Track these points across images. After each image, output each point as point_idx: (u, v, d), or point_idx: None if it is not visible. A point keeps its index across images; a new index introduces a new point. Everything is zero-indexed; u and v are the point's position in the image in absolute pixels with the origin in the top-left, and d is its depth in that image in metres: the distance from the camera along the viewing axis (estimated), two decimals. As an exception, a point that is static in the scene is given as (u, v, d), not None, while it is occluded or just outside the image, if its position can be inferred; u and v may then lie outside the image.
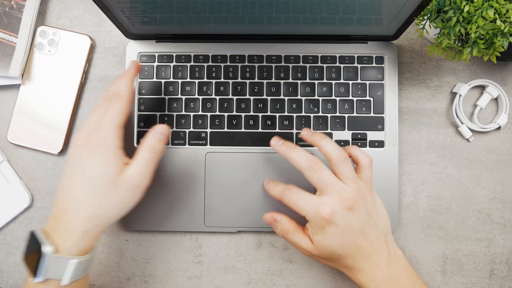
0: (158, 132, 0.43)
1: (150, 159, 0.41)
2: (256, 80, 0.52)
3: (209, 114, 0.52)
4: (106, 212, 0.39)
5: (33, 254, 0.38)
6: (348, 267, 0.43)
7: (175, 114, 0.52)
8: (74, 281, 0.39)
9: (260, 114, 0.52)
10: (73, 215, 0.39)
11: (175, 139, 0.52)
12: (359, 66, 0.52)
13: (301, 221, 0.45)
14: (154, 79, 0.52)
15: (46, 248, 0.37)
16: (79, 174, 0.39)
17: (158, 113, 0.52)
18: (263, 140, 0.51)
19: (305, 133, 0.46)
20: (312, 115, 0.52)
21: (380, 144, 0.51)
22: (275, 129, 0.52)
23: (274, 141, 0.46)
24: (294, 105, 0.52)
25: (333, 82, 0.52)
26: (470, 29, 0.40)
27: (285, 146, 0.45)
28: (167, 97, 0.52)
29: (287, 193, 0.44)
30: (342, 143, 0.51)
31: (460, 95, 0.52)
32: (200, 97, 0.52)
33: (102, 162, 0.39)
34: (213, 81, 0.52)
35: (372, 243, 0.42)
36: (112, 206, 0.40)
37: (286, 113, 0.52)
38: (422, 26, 0.45)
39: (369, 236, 0.42)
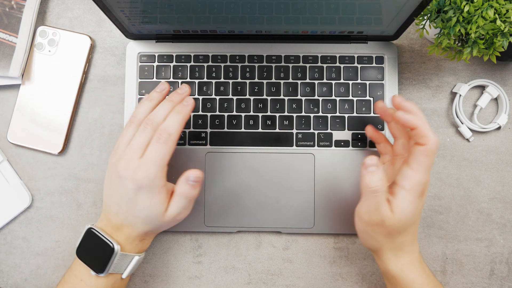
0: (191, 180, 0.42)
1: (187, 203, 0.43)
2: (256, 80, 0.52)
3: (209, 114, 0.52)
4: (159, 230, 0.45)
5: (99, 251, 0.42)
6: (398, 247, 0.43)
7: (175, 114, 0.52)
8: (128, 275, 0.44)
9: (260, 114, 0.52)
10: (133, 229, 0.43)
11: (175, 139, 0.52)
12: (359, 66, 0.52)
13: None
14: (154, 79, 0.52)
15: (116, 246, 0.42)
16: (134, 206, 0.42)
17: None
18: (263, 140, 0.51)
19: (401, 99, 0.43)
20: (312, 115, 0.52)
21: (380, 144, 0.51)
22: (275, 129, 0.52)
23: (400, 112, 0.42)
24: (294, 105, 0.52)
25: (333, 82, 0.52)
26: (470, 29, 0.40)
27: (417, 116, 0.42)
28: (167, 97, 0.52)
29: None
30: (342, 143, 0.51)
31: (460, 95, 0.52)
32: (200, 97, 0.52)
33: (152, 202, 0.42)
34: (213, 81, 0.52)
35: (417, 229, 0.44)
36: (162, 227, 0.45)
37: (286, 113, 0.52)
38: (422, 26, 0.45)
39: (418, 222, 0.44)
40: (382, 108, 0.46)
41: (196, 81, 0.52)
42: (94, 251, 0.42)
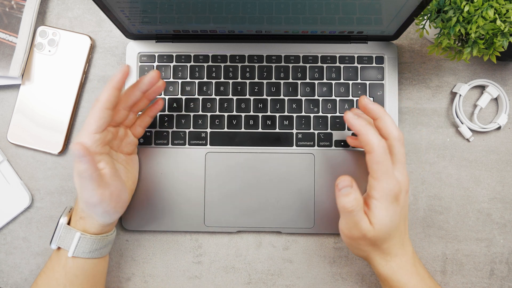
0: (76, 156, 0.39)
1: (79, 180, 0.41)
2: (256, 80, 0.52)
3: (209, 114, 0.52)
4: (87, 209, 0.43)
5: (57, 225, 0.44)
6: (386, 252, 0.43)
7: (175, 114, 0.52)
8: (82, 259, 0.44)
9: (260, 114, 0.52)
10: (77, 201, 0.44)
11: (175, 139, 0.52)
12: (359, 66, 0.52)
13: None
14: (154, 79, 0.52)
15: (62, 219, 0.44)
16: None
17: (158, 113, 0.52)
18: (263, 140, 0.51)
19: (367, 101, 0.44)
20: (312, 115, 0.52)
21: (380, 144, 0.51)
22: (275, 129, 0.52)
23: (350, 114, 0.42)
24: (294, 105, 0.52)
25: (333, 82, 0.52)
26: (470, 29, 0.40)
27: (362, 121, 0.42)
28: (167, 97, 0.52)
29: (380, 147, 0.40)
30: (342, 143, 0.51)
31: (460, 95, 0.52)
32: (200, 97, 0.52)
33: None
34: (213, 81, 0.52)
35: (406, 230, 0.44)
36: (88, 208, 0.43)
37: (286, 113, 0.52)
38: (422, 26, 0.45)
39: (406, 223, 0.44)
40: (364, 104, 0.45)
41: (196, 81, 0.52)
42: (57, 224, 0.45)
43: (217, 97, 0.52)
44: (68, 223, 0.45)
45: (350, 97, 0.52)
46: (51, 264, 0.45)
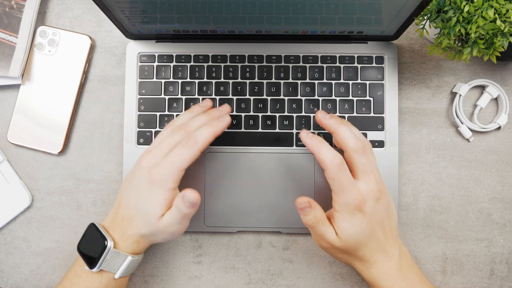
0: (186, 201, 0.42)
1: (180, 218, 0.43)
2: (256, 80, 0.52)
3: (209, 114, 0.52)
4: (152, 238, 0.44)
5: (95, 246, 0.43)
6: (363, 259, 0.43)
7: (175, 114, 0.52)
8: (122, 277, 0.44)
9: (260, 114, 0.52)
10: (130, 225, 0.43)
11: (175, 139, 0.52)
12: (359, 66, 0.52)
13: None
14: (154, 79, 0.52)
15: (109, 243, 0.42)
16: (139, 197, 0.43)
17: (158, 113, 0.52)
18: (263, 140, 0.51)
19: (321, 116, 0.45)
20: (312, 115, 0.52)
21: (380, 144, 0.51)
22: (275, 129, 0.52)
23: (322, 114, 0.45)
24: (294, 105, 0.52)
25: (333, 82, 0.52)
26: (470, 29, 0.40)
27: (334, 120, 0.43)
28: (167, 97, 0.52)
29: (335, 159, 0.41)
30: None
31: (460, 95, 0.52)
32: (200, 97, 0.52)
33: (155, 199, 0.42)
34: (213, 81, 0.52)
35: (387, 236, 0.43)
36: (156, 235, 0.44)
37: (286, 113, 0.52)
38: (422, 26, 0.45)
39: (386, 229, 0.43)
40: (319, 120, 0.46)
41: (196, 81, 0.52)
42: (91, 246, 0.43)
43: (217, 97, 0.52)
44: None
45: (350, 97, 0.52)
46: (85, 284, 0.43)
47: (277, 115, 0.52)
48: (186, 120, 0.46)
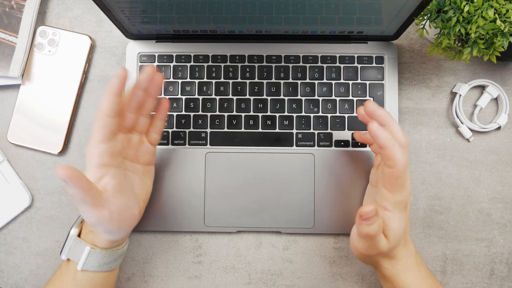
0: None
1: (76, 201, 0.40)
2: (256, 80, 0.52)
3: (209, 114, 0.52)
4: (97, 229, 0.42)
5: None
6: (393, 256, 0.43)
7: (175, 114, 0.52)
8: (91, 272, 0.43)
9: (260, 114, 0.52)
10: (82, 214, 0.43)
11: (175, 139, 0.52)
12: (359, 66, 0.52)
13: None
14: (154, 79, 0.52)
15: (74, 230, 0.43)
16: None
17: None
18: (263, 140, 0.51)
19: (375, 107, 0.42)
20: (312, 115, 0.52)
21: (380, 144, 0.51)
22: (275, 129, 0.52)
23: (376, 123, 0.40)
24: (294, 105, 0.52)
25: (333, 82, 0.52)
26: (470, 29, 0.40)
27: (388, 134, 0.40)
28: (167, 97, 0.52)
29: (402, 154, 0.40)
30: (342, 143, 0.51)
31: (460, 95, 0.52)
32: (200, 97, 0.52)
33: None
34: (213, 81, 0.52)
35: (408, 233, 0.44)
36: (97, 228, 0.42)
37: (286, 113, 0.52)
38: (422, 26, 0.45)
39: (408, 226, 0.44)
40: (362, 116, 0.44)
41: (196, 81, 0.52)
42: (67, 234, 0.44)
43: (217, 97, 0.52)
44: (79, 235, 0.43)
45: (350, 97, 0.52)
46: (61, 274, 0.44)
47: (277, 115, 0.52)
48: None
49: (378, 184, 0.43)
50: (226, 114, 0.52)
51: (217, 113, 0.52)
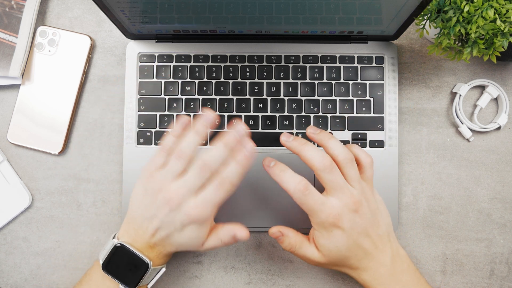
0: (237, 238, 0.44)
1: (220, 245, 0.44)
2: (256, 80, 0.52)
3: (209, 114, 0.52)
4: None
5: (127, 266, 0.43)
6: (353, 267, 0.44)
7: (175, 114, 0.52)
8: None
9: (260, 114, 0.52)
10: (164, 249, 0.44)
11: (175, 139, 0.52)
12: (359, 66, 0.52)
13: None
14: (154, 79, 0.52)
15: (150, 263, 0.42)
16: (180, 238, 0.43)
17: (158, 113, 0.52)
18: (263, 140, 0.51)
19: (311, 131, 0.45)
20: (312, 115, 0.52)
21: (380, 144, 0.51)
22: (275, 129, 0.52)
23: (284, 137, 0.44)
24: (294, 105, 0.52)
25: (333, 82, 0.52)
26: (470, 29, 0.40)
27: (297, 142, 0.44)
28: (167, 97, 0.52)
29: (300, 183, 0.42)
30: (342, 143, 0.51)
31: (460, 95, 0.52)
32: (200, 97, 0.52)
33: (199, 234, 0.43)
34: (213, 81, 0.52)
35: (376, 243, 0.43)
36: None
37: (286, 113, 0.52)
38: (422, 26, 0.45)
39: (373, 237, 0.43)
40: (310, 136, 0.46)
41: (196, 81, 0.52)
42: (126, 267, 0.43)
43: (217, 97, 0.52)
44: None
45: (350, 97, 0.52)
46: None
47: (277, 115, 0.52)
48: (193, 148, 0.43)
49: None
50: (226, 114, 0.52)
51: (217, 113, 0.52)
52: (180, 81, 0.52)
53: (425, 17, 0.44)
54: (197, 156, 0.43)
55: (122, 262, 0.43)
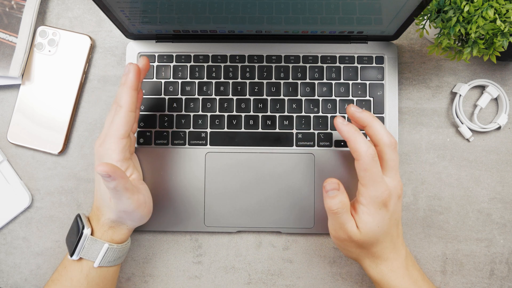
0: (98, 172, 0.40)
1: (113, 194, 0.42)
2: (256, 80, 0.52)
3: (209, 114, 0.52)
4: (123, 222, 0.45)
5: (74, 235, 0.44)
6: (375, 255, 0.43)
7: (175, 114, 0.52)
8: (105, 267, 0.45)
9: (260, 114, 0.52)
10: (100, 212, 0.44)
11: (175, 139, 0.52)
12: (359, 66, 0.52)
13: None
14: (154, 79, 0.52)
15: (86, 230, 0.43)
16: (98, 182, 0.45)
17: (158, 113, 0.52)
18: (263, 140, 0.51)
19: (354, 110, 0.44)
20: (312, 115, 0.52)
21: (380, 144, 0.51)
22: (275, 129, 0.52)
23: (340, 119, 0.43)
24: (294, 105, 0.52)
25: (333, 82, 0.52)
26: (470, 29, 0.40)
27: (350, 128, 0.42)
28: (167, 97, 0.52)
29: (369, 151, 0.41)
30: (342, 143, 0.51)
31: (460, 95, 0.52)
32: (200, 97, 0.52)
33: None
34: (213, 81, 0.52)
35: (399, 235, 0.44)
36: (125, 219, 0.45)
37: (286, 113, 0.52)
38: (422, 26, 0.45)
39: (399, 228, 0.44)
40: (352, 113, 0.45)
41: (196, 81, 0.52)
42: (72, 235, 0.44)
43: (217, 97, 0.52)
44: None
45: (350, 97, 0.52)
46: (68, 274, 0.44)
47: (277, 115, 0.52)
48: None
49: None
50: (226, 114, 0.52)
51: (217, 113, 0.52)
52: (180, 81, 0.52)
53: (425, 17, 0.44)
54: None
55: (72, 231, 0.45)
